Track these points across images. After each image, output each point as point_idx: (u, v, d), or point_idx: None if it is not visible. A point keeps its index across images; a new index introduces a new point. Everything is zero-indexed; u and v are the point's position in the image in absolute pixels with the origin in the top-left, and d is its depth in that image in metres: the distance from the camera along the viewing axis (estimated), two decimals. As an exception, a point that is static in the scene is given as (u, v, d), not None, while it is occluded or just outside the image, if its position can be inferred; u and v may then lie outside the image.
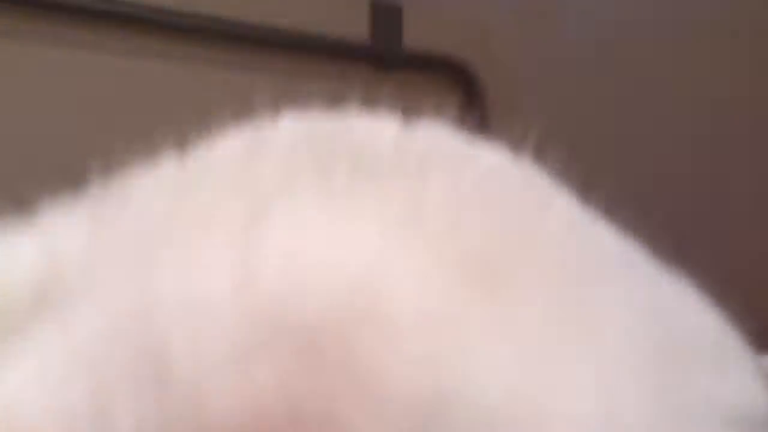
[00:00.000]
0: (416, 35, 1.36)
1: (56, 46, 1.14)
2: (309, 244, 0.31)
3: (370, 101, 0.40)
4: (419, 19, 1.36)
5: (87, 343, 0.31)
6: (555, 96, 1.34)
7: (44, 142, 1.08)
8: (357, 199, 0.33)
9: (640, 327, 0.31)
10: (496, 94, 1.36)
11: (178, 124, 0.39)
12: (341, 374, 0.28)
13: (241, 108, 0.39)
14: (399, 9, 1.36)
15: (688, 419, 0.29)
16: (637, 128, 1.35)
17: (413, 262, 0.30)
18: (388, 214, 0.32)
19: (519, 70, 1.38)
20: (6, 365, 0.32)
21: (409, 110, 0.40)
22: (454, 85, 1.38)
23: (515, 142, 0.39)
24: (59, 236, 0.35)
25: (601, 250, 0.34)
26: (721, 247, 1.11)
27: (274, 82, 0.66)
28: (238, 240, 0.31)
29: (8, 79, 1.10)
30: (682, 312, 0.33)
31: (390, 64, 1.34)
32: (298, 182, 0.34)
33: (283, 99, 0.39)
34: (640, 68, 1.35)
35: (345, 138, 0.37)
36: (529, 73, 1.38)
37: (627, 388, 0.29)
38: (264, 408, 0.28)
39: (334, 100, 0.40)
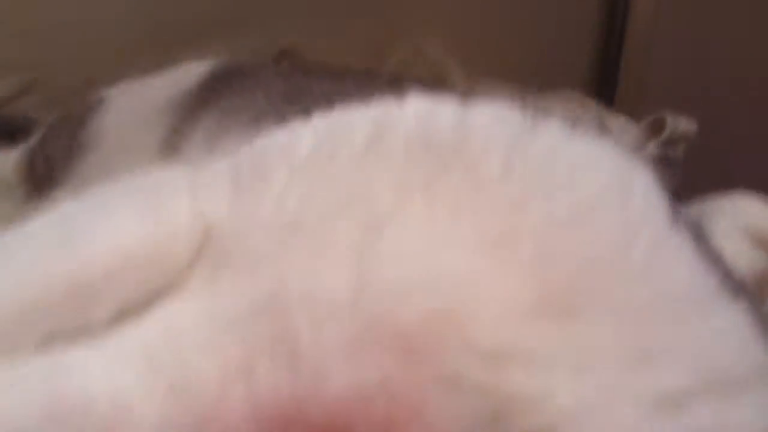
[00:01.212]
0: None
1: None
2: (413, 262, 0.37)
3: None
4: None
5: (235, 309, 0.39)
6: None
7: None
8: (459, 221, 0.38)
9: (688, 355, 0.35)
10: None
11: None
12: (429, 374, 0.35)
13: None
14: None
15: None
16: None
17: (500, 288, 0.36)
18: (485, 238, 0.38)
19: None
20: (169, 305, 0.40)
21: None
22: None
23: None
24: (207, 197, 0.42)
25: (674, 286, 0.38)
26: None
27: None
28: (357, 248, 0.38)
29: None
30: (728, 343, 0.37)
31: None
32: (410, 198, 0.39)
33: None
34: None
35: (459, 149, 0.40)
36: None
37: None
38: (367, 394, 0.36)
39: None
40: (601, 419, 0.34)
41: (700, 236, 0.41)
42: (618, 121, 0.94)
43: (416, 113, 0.42)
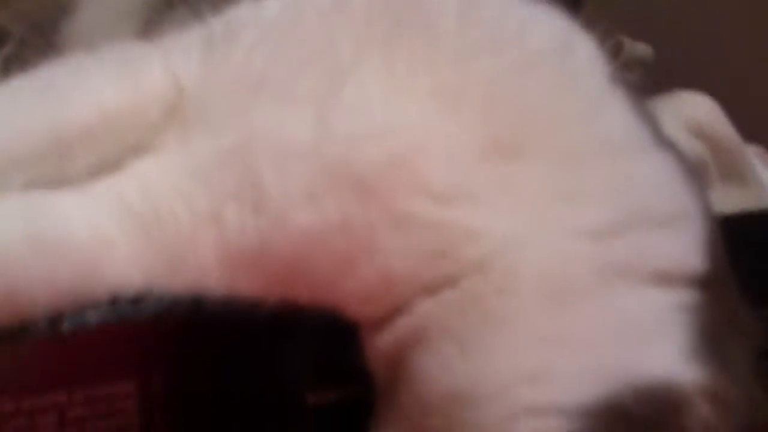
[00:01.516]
0: None
1: None
2: (371, 111, 0.40)
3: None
4: None
5: (205, 161, 0.42)
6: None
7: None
8: (415, 73, 0.41)
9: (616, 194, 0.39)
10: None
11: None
12: (383, 213, 0.39)
13: None
14: None
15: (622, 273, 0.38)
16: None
17: (450, 134, 0.40)
18: (438, 88, 0.41)
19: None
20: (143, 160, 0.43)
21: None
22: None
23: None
24: (180, 60, 0.44)
25: (608, 133, 0.41)
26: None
27: None
28: (319, 99, 0.41)
29: None
30: (653, 185, 0.41)
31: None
32: (369, 52, 0.42)
33: None
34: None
35: (416, 6, 0.43)
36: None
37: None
38: (327, 231, 0.39)
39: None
40: (533, 248, 0.38)
41: (636, 99, 0.44)
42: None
43: None
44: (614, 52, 0.98)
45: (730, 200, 0.61)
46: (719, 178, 0.62)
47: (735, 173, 0.62)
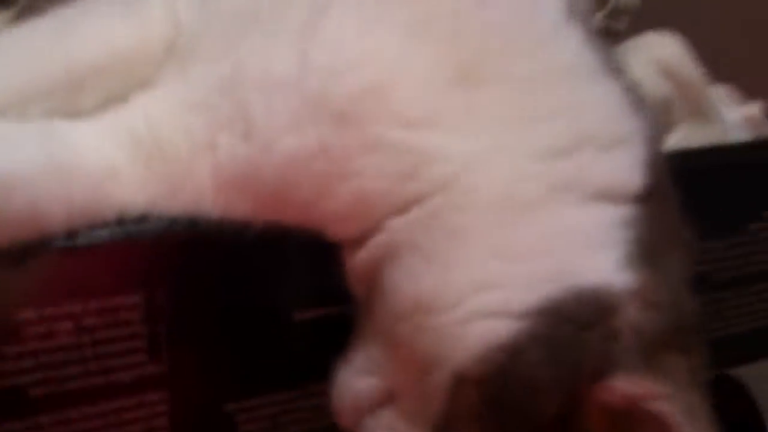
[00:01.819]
0: None
1: None
2: (347, 45, 0.44)
3: None
4: None
5: (201, 94, 0.46)
6: None
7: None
8: (387, 7, 0.45)
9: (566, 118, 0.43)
10: None
11: None
12: (358, 139, 0.43)
13: None
14: None
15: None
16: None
17: (419, 65, 0.44)
18: (408, 21, 0.44)
19: None
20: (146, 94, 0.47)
21: None
22: None
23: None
24: (180, 6, 0.48)
25: (563, 61, 0.44)
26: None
27: None
28: (300, 35, 0.44)
29: None
30: (600, 111, 0.45)
31: None
32: None
33: None
34: None
35: None
36: None
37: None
38: (309, 156, 0.43)
39: None
40: (490, 168, 0.42)
41: (590, 31, 0.48)
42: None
43: None
44: (601, 1, 1.02)
45: (694, 136, 0.66)
46: (685, 115, 0.66)
47: (699, 111, 0.66)
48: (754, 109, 0.69)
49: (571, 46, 0.45)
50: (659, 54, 0.66)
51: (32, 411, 0.45)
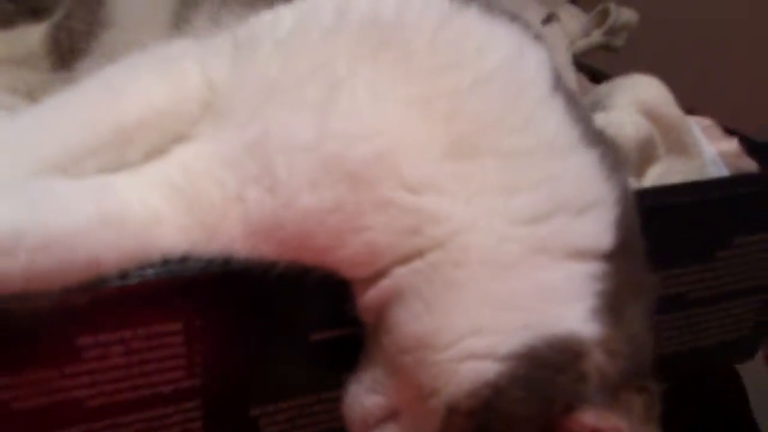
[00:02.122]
0: None
1: None
2: (360, 116, 0.51)
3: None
4: None
5: (231, 152, 0.53)
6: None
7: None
8: (395, 84, 0.51)
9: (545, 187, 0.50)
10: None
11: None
12: (369, 199, 0.50)
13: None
14: None
15: None
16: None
17: (421, 137, 0.50)
18: (413, 98, 0.51)
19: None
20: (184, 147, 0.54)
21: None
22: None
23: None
24: (213, 64, 0.55)
25: (545, 136, 0.51)
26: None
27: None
28: (320, 105, 0.51)
29: None
30: (576, 179, 0.50)
31: None
32: (360, 66, 0.51)
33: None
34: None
35: (397, 28, 0.52)
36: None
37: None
38: (325, 211, 0.50)
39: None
40: (480, 230, 0.49)
41: (572, 99, 0.54)
42: (570, 10, 1.05)
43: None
44: (601, 18, 1.07)
45: (674, 172, 0.72)
46: (666, 151, 0.73)
47: (680, 148, 0.73)
48: (731, 144, 0.75)
49: (553, 122, 0.52)
50: (641, 95, 0.72)
51: (89, 419, 0.53)
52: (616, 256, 0.50)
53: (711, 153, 0.73)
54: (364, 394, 0.53)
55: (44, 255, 0.47)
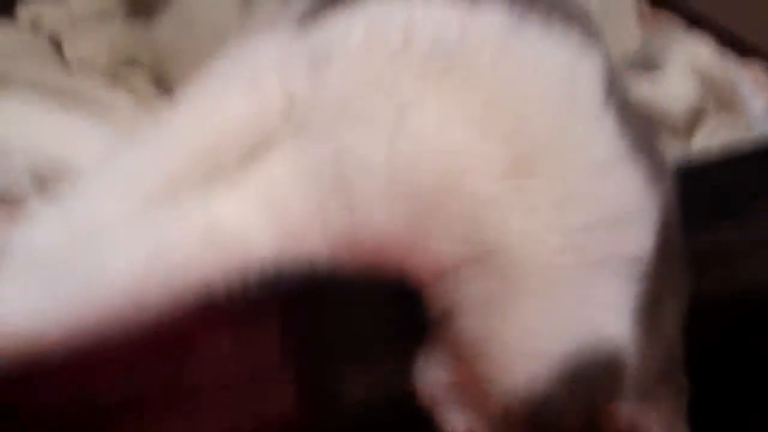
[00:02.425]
0: None
1: None
2: (427, 136, 0.55)
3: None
4: None
5: (312, 166, 0.58)
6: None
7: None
8: (459, 105, 0.55)
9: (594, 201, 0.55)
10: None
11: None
12: (436, 217, 0.56)
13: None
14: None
15: None
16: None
17: (485, 156, 0.55)
18: (476, 118, 0.55)
19: None
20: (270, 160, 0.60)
21: None
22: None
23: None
24: (292, 78, 0.59)
25: (595, 152, 0.56)
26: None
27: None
28: (390, 125, 0.55)
29: None
30: (622, 192, 0.56)
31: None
32: (426, 87, 0.55)
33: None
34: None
35: (461, 50, 0.56)
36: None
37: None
38: (397, 228, 0.56)
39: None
40: (537, 242, 0.55)
41: (623, 104, 0.58)
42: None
43: (434, 20, 0.58)
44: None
45: (722, 129, 0.76)
46: (715, 110, 0.76)
47: (728, 105, 0.76)
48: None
49: (604, 138, 0.56)
50: (692, 56, 0.75)
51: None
52: (656, 260, 0.56)
53: (759, 105, 0.77)
54: (432, 368, 0.61)
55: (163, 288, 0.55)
